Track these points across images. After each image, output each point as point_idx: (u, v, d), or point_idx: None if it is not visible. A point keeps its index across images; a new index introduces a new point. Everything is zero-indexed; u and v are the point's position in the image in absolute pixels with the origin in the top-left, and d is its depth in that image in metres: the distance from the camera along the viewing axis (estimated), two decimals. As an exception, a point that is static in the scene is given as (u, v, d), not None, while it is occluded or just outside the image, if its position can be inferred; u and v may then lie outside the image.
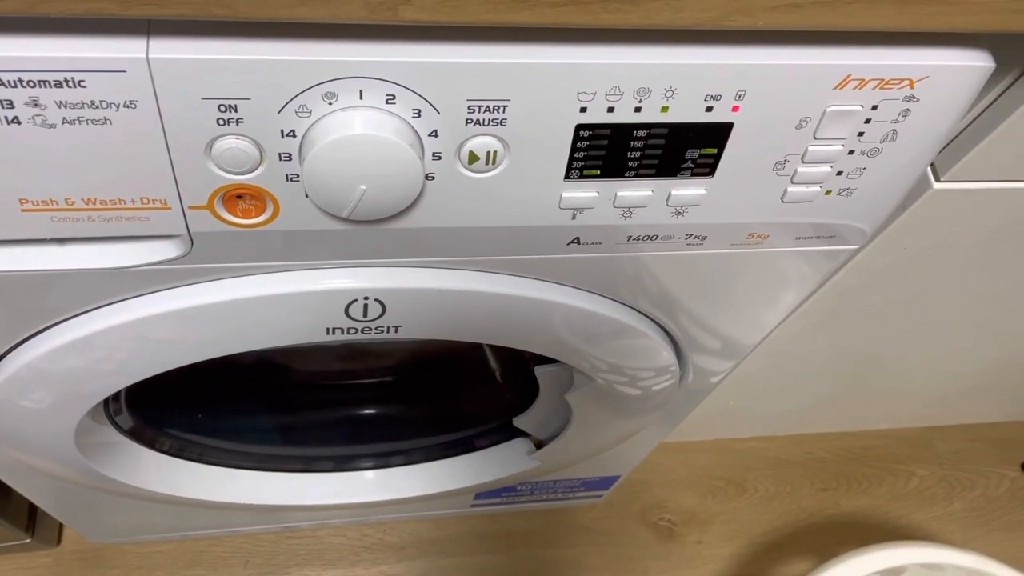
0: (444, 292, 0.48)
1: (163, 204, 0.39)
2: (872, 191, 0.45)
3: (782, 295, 0.55)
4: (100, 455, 0.62)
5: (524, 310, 0.50)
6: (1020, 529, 1.26)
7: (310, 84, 0.35)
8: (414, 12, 0.32)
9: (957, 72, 0.39)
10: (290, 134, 0.36)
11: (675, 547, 1.17)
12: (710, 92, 0.38)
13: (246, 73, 0.34)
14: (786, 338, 0.78)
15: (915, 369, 0.98)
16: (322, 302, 0.47)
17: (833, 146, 0.41)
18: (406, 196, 0.38)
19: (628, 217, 0.44)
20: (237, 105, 0.35)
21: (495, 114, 0.37)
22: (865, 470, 1.28)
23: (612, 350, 0.57)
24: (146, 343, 0.48)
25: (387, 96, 0.36)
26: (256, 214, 0.40)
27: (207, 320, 0.46)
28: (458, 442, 0.79)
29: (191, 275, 0.45)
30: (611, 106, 0.38)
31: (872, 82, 0.39)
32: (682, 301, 0.54)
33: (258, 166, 0.37)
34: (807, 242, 0.49)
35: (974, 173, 0.52)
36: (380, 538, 1.12)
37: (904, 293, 0.71)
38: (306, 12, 0.31)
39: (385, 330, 0.50)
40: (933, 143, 0.43)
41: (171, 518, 0.93)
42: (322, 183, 0.37)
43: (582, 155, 0.40)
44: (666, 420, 0.80)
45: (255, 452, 0.74)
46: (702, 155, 0.41)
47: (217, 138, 0.36)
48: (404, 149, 0.36)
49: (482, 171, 0.40)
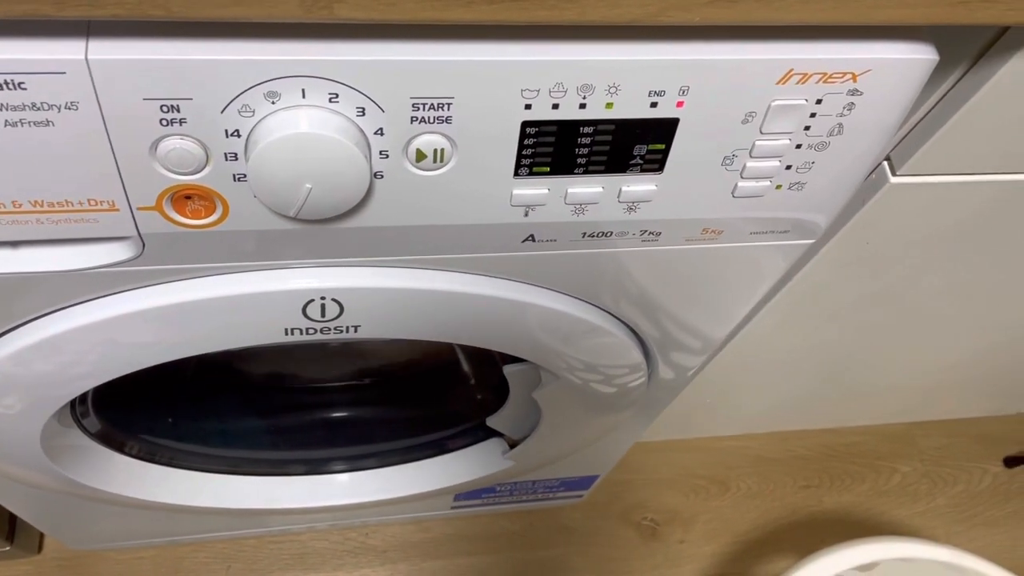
0: (402, 291, 0.48)
1: (111, 205, 0.39)
2: (823, 185, 0.45)
3: (742, 291, 0.55)
4: (68, 459, 0.62)
5: (482, 308, 0.50)
6: (1002, 524, 1.27)
7: (251, 84, 0.35)
8: (349, 10, 0.32)
9: (900, 65, 0.39)
10: (234, 134, 0.36)
11: (658, 546, 1.18)
12: (653, 88, 0.38)
13: (187, 73, 0.34)
14: (758, 334, 0.79)
15: (893, 364, 0.99)
16: (278, 303, 0.47)
17: (780, 140, 0.42)
18: (353, 194, 0.38)
19: (581, 214, 0.44)
20: (179, 105, 0.35)
21: (440, 112, 0.37)
22: (847, 467, 1.28)
23: (575, 347, 0.57)
24: (102, 347, 0.48)
25: (330, 95, 0.36)
26: (206, 214, 0.40)
27: (162, 323, 0.46)
28: (432, 443, 0.79)
29: (147, 277, 0.45)
30: (556, 103, 0.38)
31: (815, 76, 0.39)
32: (643, 298, 0.55)
33: (204, 166, 0.38)
34: (762, 237, 0.49)
35: (930, 167, 0.53)
36: (362, 541, 1.12)
37: (871, 288, 0.72)
38: (240, 11, 0.31)
39: (344, 330, 0.50)
40: (880, 136, 0.43)
41: (152, 524, 0.93)
42: (267, 182, 0.37)
43: (530, 152, 0.40)
44: (640, 418, 0.81)
45: (227, 456, 0.74)
46: (650, 151, 0.41)
47: (161, 138, 0.36)
48: (348, 147, 0.36)
49: (431, 169, 0.40)
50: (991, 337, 0.93)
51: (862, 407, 1.19)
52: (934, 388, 1.13)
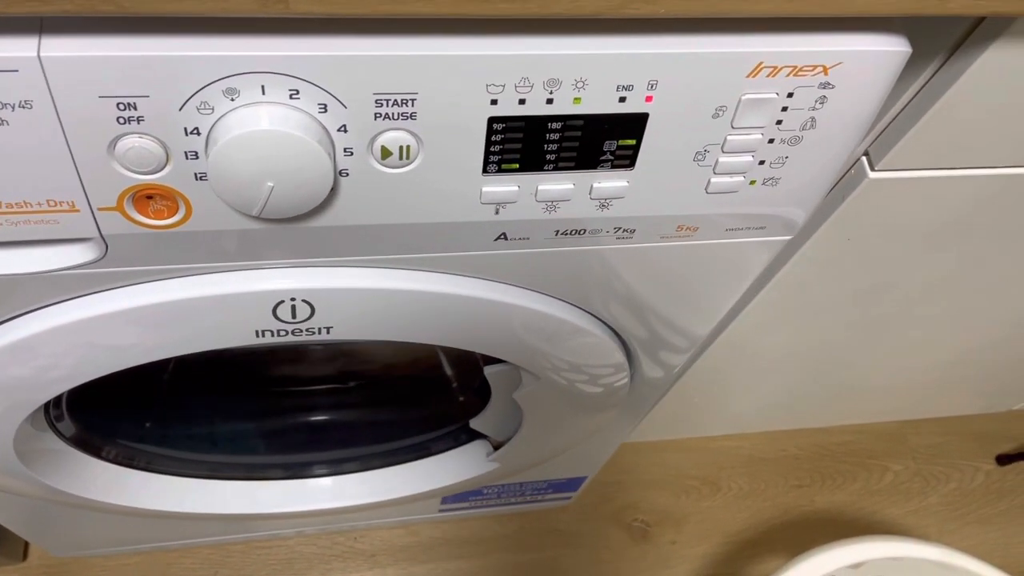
0: (374, 292, 0.47)
1: (71, 206, 0.38)
2: (798, 180, 0.45)
3: (722, 288, 0.54)
4: (43, 464, 0.61)
5: (457, 308, 0.50)
6: (995, 522, 1.26)
7: (209, 80, 0.34)
8: (306, 4, 0.32)
9: (871, 58, 0.39)
10: (194, 131, 0.36)
11: (649, 547, 1.17)
12: (621, 82, 0.38)
13: (142, 70, 0.33)
14: (743, 332, 0.78)
15: (883, 363, 0.98)
16: (248, 304, 0.46)
17: (752, 135, 0.41)
18: (317, 192, 0.38)
19: (552, 211, 0.44)
20: (136, 103, 0.34)
21: (404, 108, 0.37)
22: (839, 466, 1.28)
23: (554, 348, 0.57)
24: (72, 350, 0.47)
25: (291, 91, 0.35)
26: (168, 215, 0.39)
27: (130, 326, 0.46)
28: (415, 446, 0.79)
29: (113, 279, 0.44)
30: (522, 98, 0.38)
31: (785, 69, 0.38)
32: (621, 297, 0.54)
33: (165, 165, 0.37)
34: (739, 233, 0.48)
35: (909, 162, 0.52)
36: (351, 546, 1.11)
37: (856, 285, 0.71)
38: (193, 6, 0.31)
39: (317, 331, 0.49)
40: (855, 130, 0.42)
41: (137, 530, 0.92)
42: (228, 181, 0.36)
43: (498, 148, 0.40)
44: (625, 418, 0.80)
45: (207, 460, 0.74)
46: (620, 146, 0.41)
47: (119, 137, 0.35)
48: (310, 144, 0.36)
49: (397, 166, 0.39)
50: (981, 334, 0.92)
51: (853, 406, 1.18)
52: (925, 386, 1.12)
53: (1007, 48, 0.43)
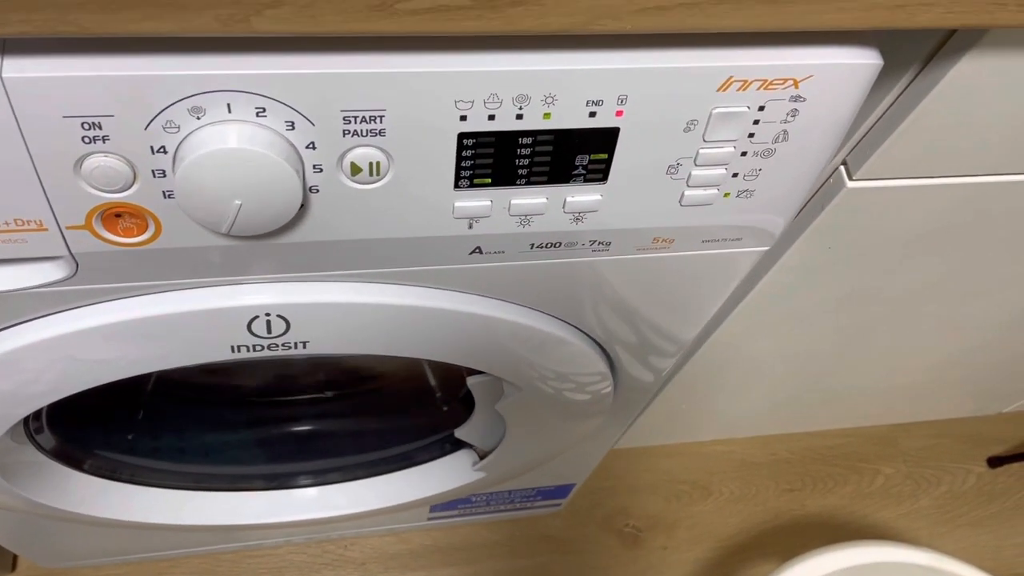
0: (349, 306, 0.47)
1: (39, 225, 0.38)
2: (772, 192, 0.45)
3: (700, 299, 0.54)
4: (23, 477, 0.61)
5: (434, 321, 0.50)
6: (986, 524, 1.26)
7: (174, 99, 0.34)
8: (269, 23, 0.31)
9: (842, 71, 0.39)
10: (161, 150, 0.36)
11: (640, 553, 1.17)
12: (591, 97, 0.38)
13: (106, 90, 0.33)
14: (728, 339, 0.78)
15: (871, 367, 0.98)
16: (222, 320, 0.46)
17: (724, 148, 0.41)
18: (286, 210, 0.38)
19: (526, 225, 0.44)
20: (101, 122, 0.34)
21: (372, 124, 0.37)
22: (830, 469, 1.28)
23: (534, 359, 0.56)
24: (48, 366, 0.47)
25: (257, 109, 0.35)
26: (138, 232, 0.39)
27: (105, 342, 0.46)
28: (400, 456, 0.78)
29: (86, 296, 0.44)
30: (491, 114, 0.37)
31: (755, 83, 0.38)
32: (600, 308, 0.54)
33: (132, 183, 0.37)
34: (715, 245, 0.48)
35: (886, 171, 0.52)
36: (341, 554, 1.11)
37: (838, 292, 0.71)
38: (153, 26, 0.31)
39: (293, 346, 0.49)
40: (828, 142, 0.42)
41: (125, 540, 0.92)
42: (195, 199, 0.36)
43: (469, 164, 0.40)
44: (611, 427, 0.80)
45: (191, 472, 0.73)
46: (592, 160, 0.41)
47: (85, 156, 0.35)
48: (277, 162, 0.35)
49: (367, 182, 0.39)
50: (968, 338, 0.92)
51: (843, 410, 1.18)
52: (915, 389, 1.12)
53: (979, 60, 0.43)
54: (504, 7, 0.32)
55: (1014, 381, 1.13)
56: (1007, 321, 0.87)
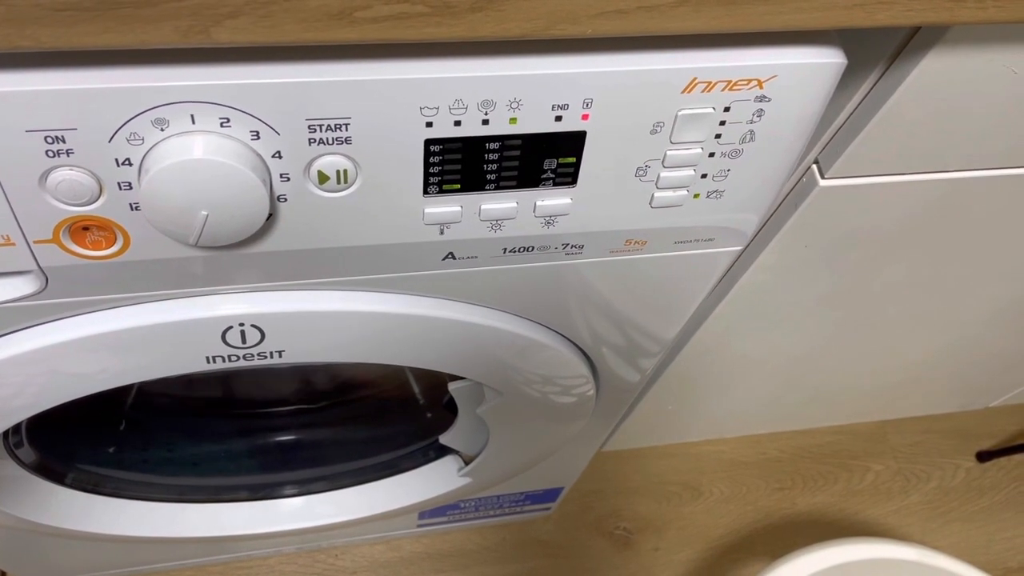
0: (324, 314, 0.47)
1: (6, 240, 0.38)
2: (742, 192, 0.45)
3: (676, 300, 0.54)
4: (4, 492, 0.61)
5: (409, 328, 0.50)
6: (977, 519, 1.27)
7: (137, 111, 0.34)
8: (228, 34, 0.31)
9: (806, 70, 0.39)
10: (126, 162, 0.36)
11: (632, 555, 1.17)
12: (556, 101, 0.38)
13: (67, 104, 0.33)
14: (710, 340, 0.78)
15: (855, 365, 0.98)
16: (197, 331, 0.46)
17: (692, 149, 0.41)
18: (253, 220, 0.38)
19: (498, 230, 0.44)
20: (64, 136, 0.34)
21: (337, 132, 0.37)
22: (820, 468, 1.28)
23: (513, 363, 0.56)
24: (23, 380, 0.47)
25: (221, 119, 0.35)
26: (106, 245, 0.39)
27: (78, 355, 0.45)
28: (386, 464, 0.78)
29: (58, 310, 0.44)
30: (457, 120, 0.38)
31: (720, 84, 0.39)
32: (576, 312, 0.54)
33: (98, 197, 0.37)
34: (687, 246, 0.48)
35: (857, 169, 0.52)
36: (332, 563, 1.11)
37: (817, 291, 0.71)
38: (113, 39, 0.31)
39: (268, 355, 0.49)
40: (795, 142, 0.43)
41: (112, 555, 0.92)
42: (161, 210, 0.36)
43: (437, 170, 0.40)
44: (595, 429, 0.80)
45: (173, 484, 0.73)
46: (561, 164, 0.41)
47: (50, 170, 0.35)
48: (242, 172, 0.36)
49: (335, 190, 0.39)
50: (950, 334, 0.93)
51: (831, 407, 1.19)
52: (902, 386, 1.13)
53: (942, 57, 0.43)
54: (464, 13, 0.33)
55: (999, 375, 1.14)
56: (988, 317, 0.88)
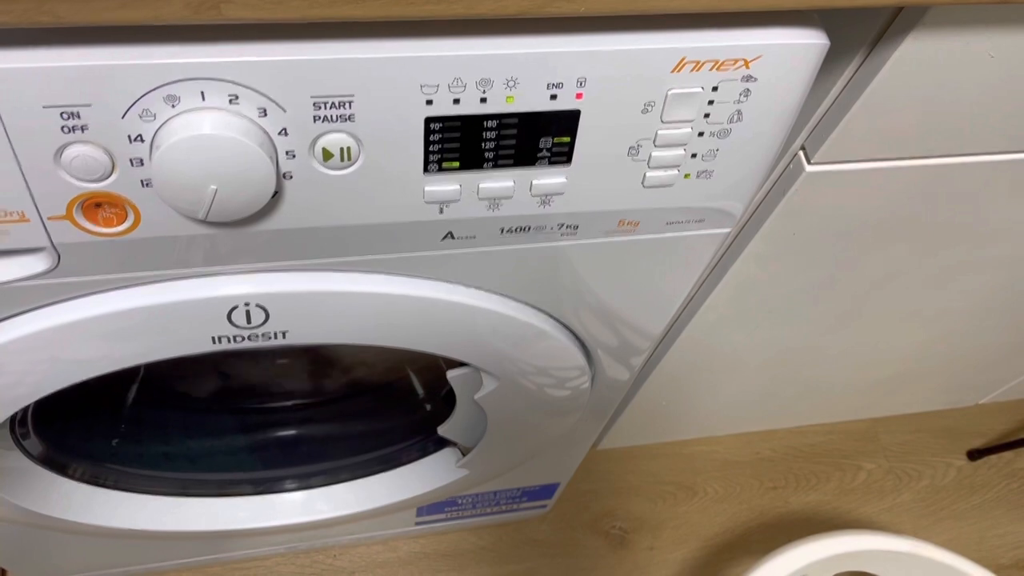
0: (327, 294, 0.48)
1: (21, 216, 0.39)
2: (731, 172, 0.46)
3: (669, 283, 0.56)
4: (9, 483, 0.62)
5: (410, 309, 0.51)
6: (968, 516, 1.28)
7: (149, 88, 0.35)
8: (237, 10, 0.33)
9: (790, 50, 0.41)
10: (138, 139, 0.37)
11: (627, 554, 1.18)
12: (551, 80, 0.39)
13: (83, 80, 0.34)
14: (701, 333, 0.80)
15: (845, 359, 1.00)
16: (203, 310, 0.47)
17: (682, 128, 0.43)
18: (260, 195, 0.39)
19: (496, 208, 0.45)
20: (79, 112, 0.35)
21: (342, 110, 0.38)
22: (812, 467, 1.29)
23: (510, 347, 0.58)
24: (29, 362, 0.48)
25: (230, 96, 0.37)
26: (118, 222, 0.41)
27: (85, 337, 0.47)
28: (384, 457, 0.79)
29: (68, 289, 0.45)
30: (456, 98, 0.39)
31: (707, 63, 0.40)
32: (572, 295, 0.55)
33: (111, 173, 0.38)
34: (679, 227, 0.50)
35: (842, 154, 0.54)
36: (330, 563, 1.11)
37: (806, 280, 0.73)
38: (128, 14, 0.32)
39: (272, 336, 0.50)
40: (781, 122, 0.44)
41: (110, 553, 0.92)
42: (171, 185, 0.37)
43: (437, 148, 0.41)
44: (591, 421, 0.81)
45: (175, 478, 0.74)
46: (556, 143, 0.42)
47: (65, 146, 0.37)
48: (250, 148, 0.37)
49: (339, 168, 0.41)
50: (938, 326, 0.94)
51: (822, 404, 1.20)
52: (892, 382, 1.14)
53: (923, 39, 0.45)
54: (463, -9, 0.34)
55: (988, 370, 1.15)
56: (976, 309, 0.89)
